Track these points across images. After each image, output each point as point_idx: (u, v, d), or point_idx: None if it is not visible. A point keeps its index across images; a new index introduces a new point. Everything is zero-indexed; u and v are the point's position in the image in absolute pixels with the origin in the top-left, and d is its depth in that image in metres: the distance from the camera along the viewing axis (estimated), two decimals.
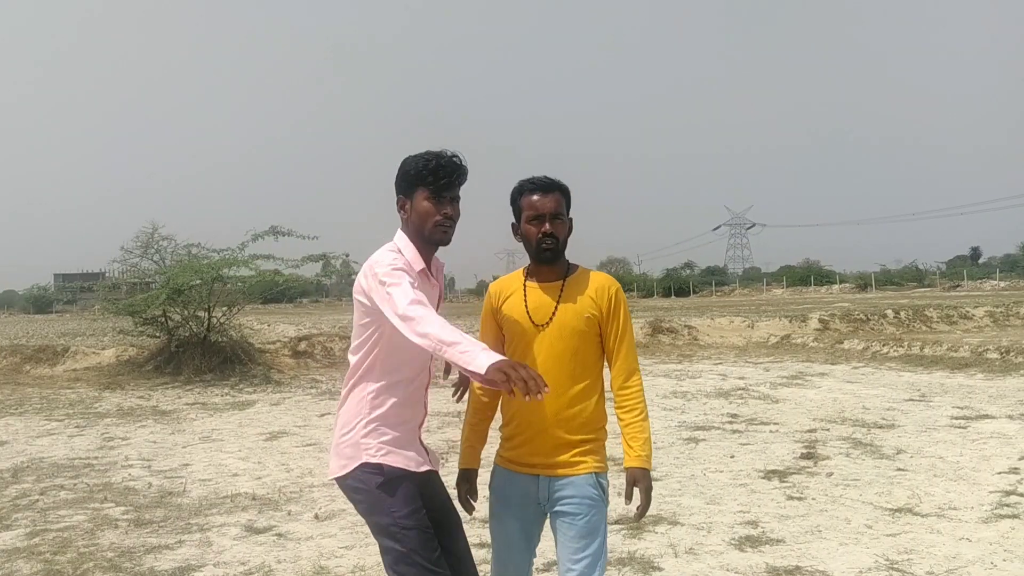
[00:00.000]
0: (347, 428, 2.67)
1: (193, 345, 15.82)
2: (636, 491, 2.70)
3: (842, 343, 17.23)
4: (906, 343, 15.63)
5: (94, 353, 16.73)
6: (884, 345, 15.92)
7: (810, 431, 8.65)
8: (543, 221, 2.73)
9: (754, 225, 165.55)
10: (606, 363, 2.84)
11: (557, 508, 2.69)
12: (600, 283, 2.78)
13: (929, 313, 20.91)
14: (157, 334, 16.12)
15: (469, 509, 2.90)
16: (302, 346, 17.59)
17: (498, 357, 2.22)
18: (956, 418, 9.15)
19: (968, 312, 20.97)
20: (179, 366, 15.51)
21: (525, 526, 2.79)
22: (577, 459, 2.69)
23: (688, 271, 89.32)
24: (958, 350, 14.36)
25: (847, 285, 69.90)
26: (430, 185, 2.64)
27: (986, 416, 9.19)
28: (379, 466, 2.61)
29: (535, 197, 2.76)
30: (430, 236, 2.69)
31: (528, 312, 2.75)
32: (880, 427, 8.77)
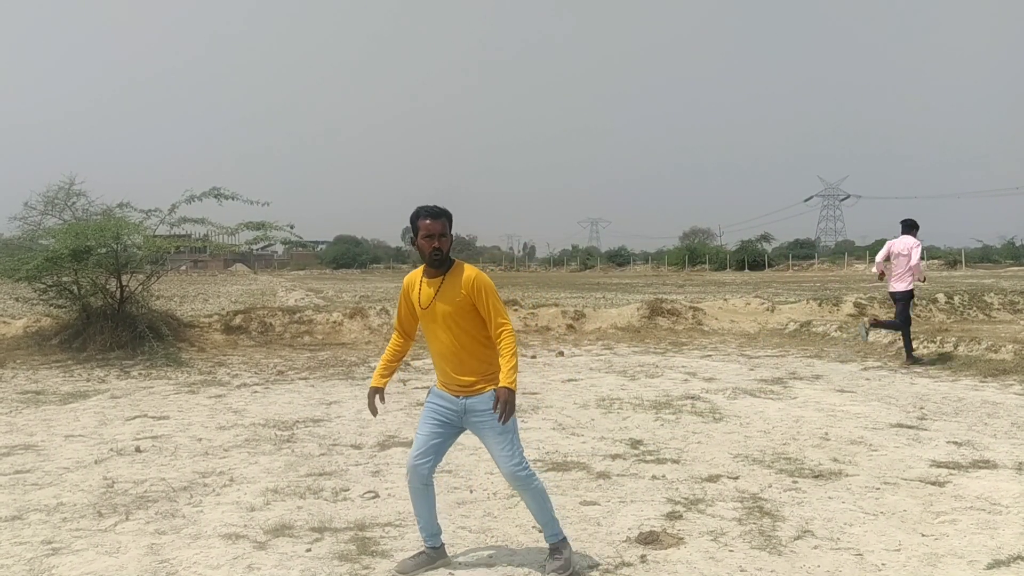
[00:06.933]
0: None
1: (105, 317, 13.95)
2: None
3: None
4: (939, 338, 12.47)
5: (3, 323, 15.01)
6: (913, 339, 12.75)
7: (709, 479, 5.98)
8: (433, 239, 4.01)
9: (848, 196, 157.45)
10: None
11: (473, 419, 4.11)
12: (466, 276, 4.06)
13: (989, 299, 17.44)
14: (62, 303, 14.24)
15: (374, 413, 4.39)
16: (237, 320, 15.53)
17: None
18: (939, 463, 6.33)
19: None
20: (86, 341, 13.67)
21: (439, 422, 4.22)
22: (479, 387, 4.11)
23: (764, 243, 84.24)
24: (999, 350, 11.18)
25: (936, 261, 64.45)
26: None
27: (983, 463, 6.32)
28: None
29: (428, 221, 4.02)
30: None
31: (420, 301, 4.16)
32: (818, 476, 6.05)
